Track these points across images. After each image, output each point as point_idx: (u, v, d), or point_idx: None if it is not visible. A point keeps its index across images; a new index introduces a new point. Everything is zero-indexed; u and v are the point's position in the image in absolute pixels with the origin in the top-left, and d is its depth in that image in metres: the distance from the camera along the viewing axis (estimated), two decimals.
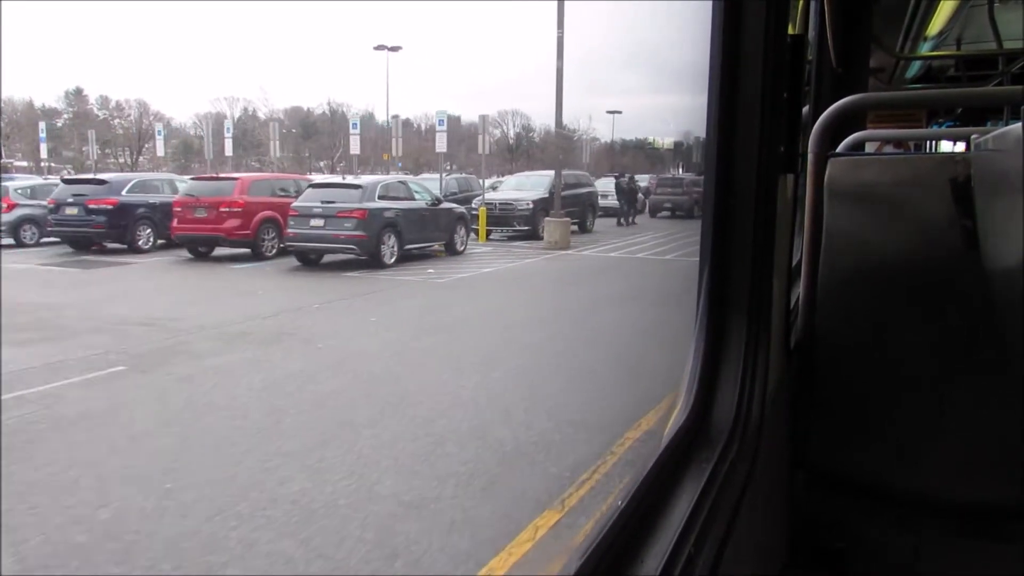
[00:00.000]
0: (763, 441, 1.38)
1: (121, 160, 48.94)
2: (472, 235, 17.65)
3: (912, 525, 1.82)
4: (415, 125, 58.35)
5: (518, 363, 7.17)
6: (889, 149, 5.10)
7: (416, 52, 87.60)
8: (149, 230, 15.67)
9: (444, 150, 22.78)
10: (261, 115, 51.97)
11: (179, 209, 14.85)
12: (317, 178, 18.35)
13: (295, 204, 14.17)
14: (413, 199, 15.44)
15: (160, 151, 38.24)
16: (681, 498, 1.11)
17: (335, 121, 53.51)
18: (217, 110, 52.68)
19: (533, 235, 19.13)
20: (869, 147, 3.93)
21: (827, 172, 1.76)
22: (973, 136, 2.62)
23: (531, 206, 20.08)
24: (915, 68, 6.12)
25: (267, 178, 17.56)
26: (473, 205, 20.04)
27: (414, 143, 51.87)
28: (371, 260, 13.84)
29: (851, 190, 1.76)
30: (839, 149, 2.38)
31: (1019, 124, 1.29)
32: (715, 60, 1.31)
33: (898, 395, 1.80)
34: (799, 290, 1.89)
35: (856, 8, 3.64)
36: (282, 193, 15.68)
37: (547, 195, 20.06)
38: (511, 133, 61.15)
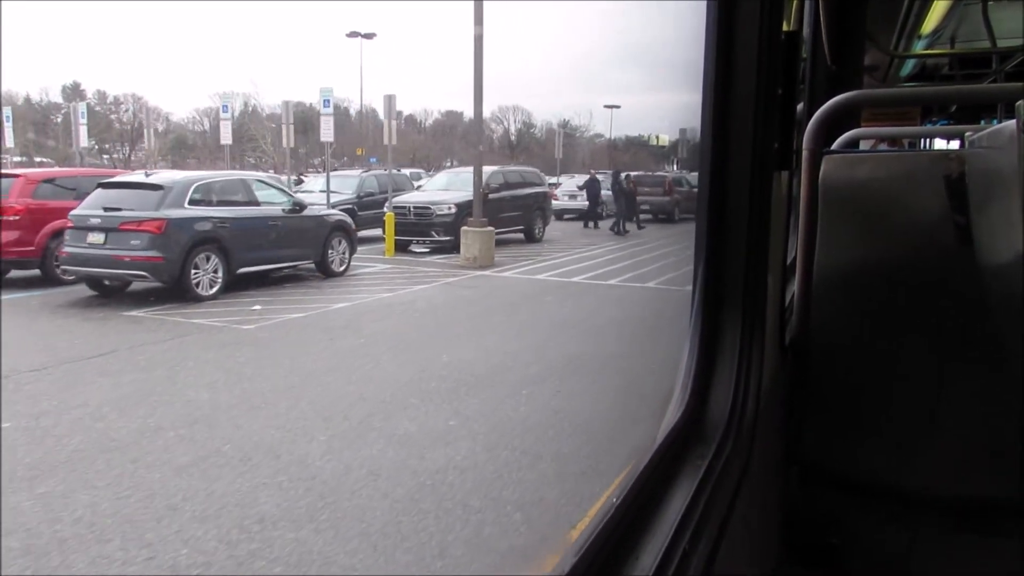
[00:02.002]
0: (758, 438, 1.37)
1: (115, 156, 49.11)
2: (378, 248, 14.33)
3: (906, 521, 1.82)
4: (418, 120, 58.65)
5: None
6: (883, 147, 5.12)
7: (417, 47, 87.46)
8: None
9: (331, 139, 18.43)
10: (264, 110, 51.97)
11: None
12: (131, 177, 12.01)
13: (72, 213, 10.07)
14: (256, 204, 11.46)
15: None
16: (676, 495, 1.10)
17: (336, 115, 53.59)
18: (217, 105, 52.80)
19: (457, 247, 14.70)
20: (863, 144, 3.92)
21: (821, 169, 1.75)
22: (967, 133, 2.58)
23: (453, 211, 15.75)
24: (909, 66, 6.10)
25: (64, 175, 12.65)
26: (384, 209, 16.24)
27: (411, 138, 51.91)
28: (178, 291, 9.80)
29: (845, 187, 1.76)
30: (834, 146, 2.37)
31: (1013, 121, 1.29)
32: (709, 58, 1.31)
33: (892, 391, 1.79)
34: (794, 287, 1.88)
35: (850, 6, 3.63)
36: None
37: None
38: (512, 129, 61.24)
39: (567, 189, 26.02)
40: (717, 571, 1.03)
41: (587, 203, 22.26)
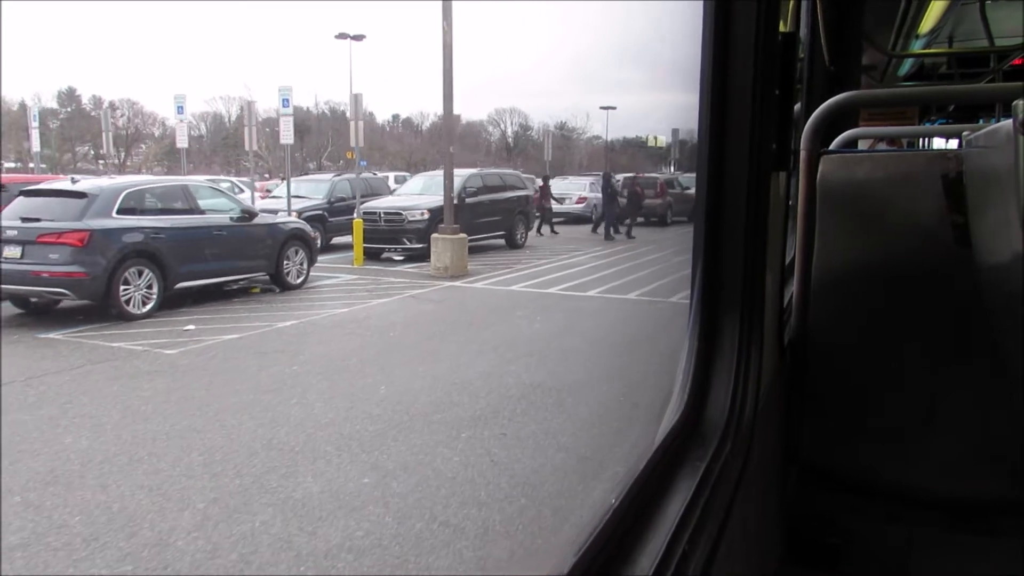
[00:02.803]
0: (756, 438, 1.37)
1: (110, 161, 49.08)
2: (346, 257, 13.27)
3: (905, 520, 1.83)
4: (415, 124, 57.99)
5: None
6: (882, 146, 5.03)
7: (414, 48, 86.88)
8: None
9: (291, 142, 17.32)
10: (260, 115, 51.70)
11: None
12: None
13: None
14: (199, 212, 10.48)
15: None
16: (675, 496, 1.10)
17: (334, 119, 53.19)
18: (214, 110, 52.21)
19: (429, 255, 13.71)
20: (861, 144, 3.88)
21: (819, 169, 1.76)
22: (965, 133, 2.53)
23: (426, 216, 14.75)
24: (907, 65, 6.12)
25: None
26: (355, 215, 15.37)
27: (408, 141, 51.42)
28: (107, 309, 8.81)
29: (843, 187, 1.76)
30: (831, 147, 2.35)
31: (1010, 121, 1.25)
32: (706, 58, 1.30)
33: (891, 392, 1.80)
34: (792, 287, 1.88)
35: (848, 6, 3.61)
36: None
37: (455, 200, 14.76)
38: (509, 131, 60.71)
39: (556, 192, 25.13)
40: (716, 572, 1.03)
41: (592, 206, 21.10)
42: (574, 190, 24.26)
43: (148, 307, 9.22)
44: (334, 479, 4.52)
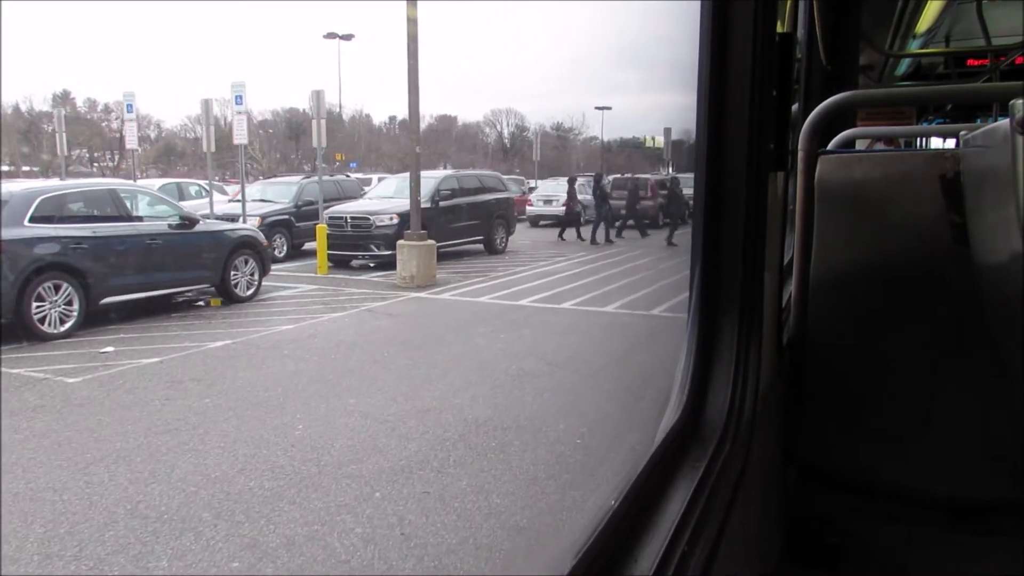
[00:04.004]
0: (756, 439, 1.38)
1: (104, 164, 48.90)
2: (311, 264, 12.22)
3: (904, 520, 1.82)
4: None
5: None
6: (879, 146, 4.95)
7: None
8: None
9: (245, 142, 16.01)
10: (256, 117, 51.30)
11: None
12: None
13: None
14: (130, 219, 9.50)
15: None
16: (674, 497, 1.10)
17: (331, 120, 52.81)
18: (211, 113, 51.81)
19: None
20: (859, 144, 3.81)
21: (817, 170, 1.76)
22: (962, 132, 2.46)
23: (395, 221, 13.63)
24: (905, 65, 6.12)
25: None
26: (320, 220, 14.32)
27: (402, 143, 50.71)
28: (19, 330, 7.86)
29: (841, 187, 1.76)
30: (829, 147, 2.37)
31: (1007, 120, 1.26)
32: (704, 59, 1.31)
33: (889, 391, 1.80)
34: (791, 288, 1.88)
35: (845, 6, 3.60)
36: None
37: (427, 204, 13.95)
38: (505, 133, 60.07)
39: (543, 194, 24.23)
40: (716, 572, 1.03)
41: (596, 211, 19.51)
42: (561, 192, 23.19)
43: (67, 325, 8.19)
44: (195, 563, 3.62)
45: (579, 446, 5.26)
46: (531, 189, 27.78)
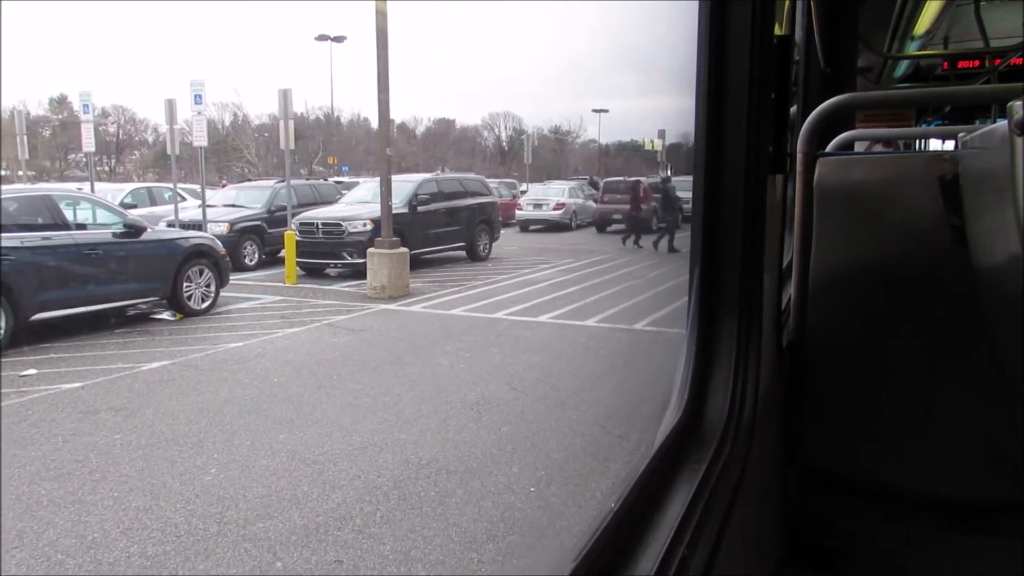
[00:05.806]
0: (755, 440, 1.38)
1: (101, 168, 48.68)
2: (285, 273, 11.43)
3: (904, 521, 1.82)
4: (409, 128, 56.91)
5: None
6: (878, 148, 4.85)
7: (409, 53, 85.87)
8: None
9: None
10: (253, 120, 50.92)
11: None
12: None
13: None
14: (66, 227, 8.81)
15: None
16: (674, 499, 1.10)
17: (329, 124, 52.32)
18: (208, 116, 51.42)
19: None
20: (858, 146, 3.82)
21: (816, 172, 1.75)
22: (961, 134, 2.26)
23: (368, 228, 12.90)
24: (903, 67, 6.11)
25: None
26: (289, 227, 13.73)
27: (401, 147, 50.28)
28: None
29: (840, 189, 1.76)
30: (828, 149, 2.35)
31: (1006, 122, 1.23)
32: (702, 62, 1.31)
33: (889, 393, 1.80)
34: (790, 290, 1.88)
35: (843, 8, 3.60)
36: None
37: (404, 210, 13.47)
38: (503, 136, 59.63)
39: (533, 197, 23.54)
40: (716, 574, 1.03)
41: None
42: (552, 196, 22.49)
43: None
44: None
45: (532, 496, 4.55)
46: (522, 192, 27.15)
